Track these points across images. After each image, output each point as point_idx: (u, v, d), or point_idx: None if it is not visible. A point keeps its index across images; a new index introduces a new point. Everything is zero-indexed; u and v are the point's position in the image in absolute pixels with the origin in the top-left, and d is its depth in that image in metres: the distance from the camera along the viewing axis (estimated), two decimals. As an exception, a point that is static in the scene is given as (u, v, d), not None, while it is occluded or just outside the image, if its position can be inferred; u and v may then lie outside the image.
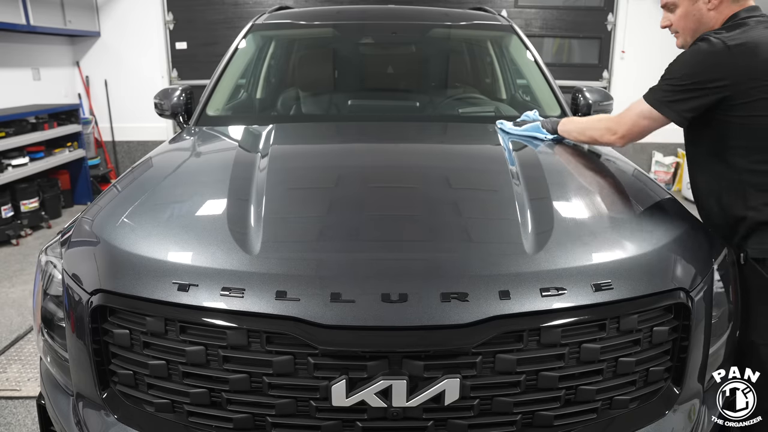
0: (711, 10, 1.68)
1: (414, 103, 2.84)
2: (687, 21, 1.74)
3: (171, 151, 2.19)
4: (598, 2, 6.84)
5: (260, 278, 1.25)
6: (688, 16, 1.73)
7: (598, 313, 1.26)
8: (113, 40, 6.74)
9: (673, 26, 1.79)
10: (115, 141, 6.97)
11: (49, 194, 5.39)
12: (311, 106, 2.89)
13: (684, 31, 1.76)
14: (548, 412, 1.27)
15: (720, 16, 1.68)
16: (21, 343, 3.18)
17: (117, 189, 1.78)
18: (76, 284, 1.37)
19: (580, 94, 2.65)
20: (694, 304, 1.34)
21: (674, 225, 1.54)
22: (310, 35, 3.25)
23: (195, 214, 1.58)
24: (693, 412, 1.42)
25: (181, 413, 1.29)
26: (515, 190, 1.62)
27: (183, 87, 2.78)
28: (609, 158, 2.07)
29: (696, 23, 1.72)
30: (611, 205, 1.66)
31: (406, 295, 1.20)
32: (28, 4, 5.36)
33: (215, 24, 6.75)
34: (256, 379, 1.22)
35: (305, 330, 1.18)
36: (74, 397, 1.44)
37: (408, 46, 3.32)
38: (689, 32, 1.75)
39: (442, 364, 1.19)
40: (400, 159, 2.05)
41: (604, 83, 6.85)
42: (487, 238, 1.47)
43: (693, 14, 1.72)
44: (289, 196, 1.68)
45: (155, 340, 1.27)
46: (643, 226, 1.50)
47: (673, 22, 1.78)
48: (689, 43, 1.73)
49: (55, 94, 6.36)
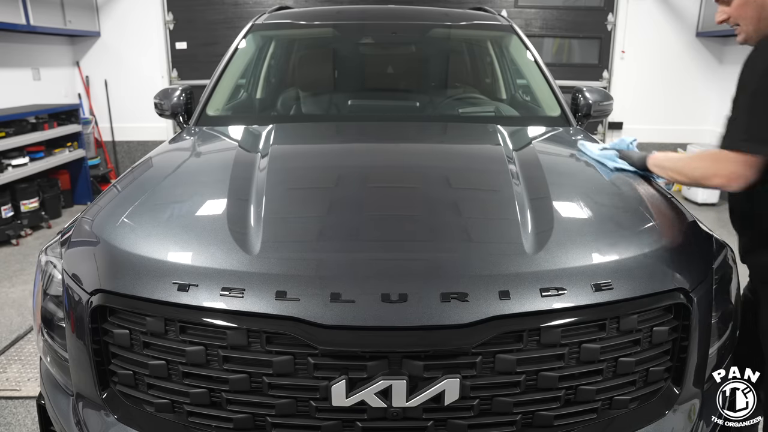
0: None
1: (414, 103, 2.84)
2: (747, 8, 1.54)
3: (171, 151, 2.19)
4: (598, 2, 6.84)
5: (260, 278, 1.25)
6: (747, 3, 1.53)
7: (598, 313, 1.26)
8: (113, 40, 6.75)
9: (731, 18, 1.59)
10: (115, 141, 6.97)
11: (49, 194, 5.40)
12: (311, 106, 2.89)
13: (745, 21, 1.55)
14: (548, 412, 1.27)
15: None
16: (21, 343, 3.18)
17: (117, 189, 1.78)
18: (76, 284, 1.37)
19: (580, 94, 2.65)
20: (693, 304, 1.34)
21: (674, 225, 1.54)
22: (310, 35, 3.25)
23: (195, 214, 1.58)
24: (693, 412, 1.42)
25: (181, 413, 1.29)
26: (515, 190, 1.62)
27: (183, 87, 2.78)
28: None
29: (758, 10, 1.52)
30: (611, 206, 1.66)
31: (406, 295, 1.20)
32: (28, 4, 5.36)
33: (215, 24, 6.75)
34: (256, 379, 1.22)
35: (305, 330, 1.18)
36: (74, 397, 1.44)
37: (408, 46, 3.32)
38: (752, 22, 1.54)
39: (442, 364, 1.19)
40: (400, 159, 2.05)
41: (604, 83, 6.85)
42: (487, 238, 1.47)
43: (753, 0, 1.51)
44: (289, 196, 1.68)
45: (155, 340, 1.27)
46: (643, 226, 1.50)
47: (730, 14, 1.58)
48: (754, 38, 1.54)
49: (55, 94, 6.36)
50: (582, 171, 1.94)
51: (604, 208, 1.64)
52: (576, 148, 2.08)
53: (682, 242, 1.47)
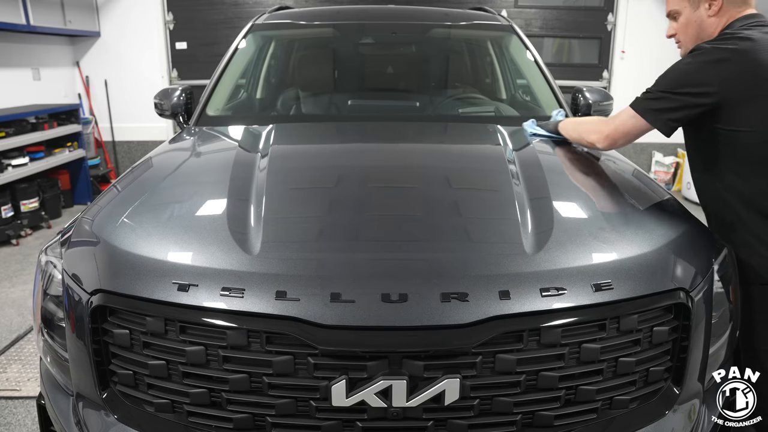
0: (711, 17, 1.67)
1: (414, 103, 2.84)
2: (688, 28, 1.73)
3: (171, 151, 2.19)
4: (598, 2, 6.84)
5: (260, 278, 1.25)
6: (689, 24, 1.72)
7: (598, 313, 1.25)
8: (113, 40, 6.74)
9: (676, 35, 1.78)
10: (115, 141, 6.97)
11: (49, 194, 5.39)
12: (311, 106, 2.89)
13: (686, 39, 1.75)
14: (548, 412, 1.27)
15: (720, 22, 1.67)
16: (21, 343, 3.18)
17: (117, 189, 1.78)
18: (76, 284, 1.37)
19: (580, 94, 2.65)
20: (694, 304, 1.34)
21: (674, 225, 1.53)
22: (310, 35, 3.25)
23: (195, 214, 1.58)
24: (693, 412, 1.42)
25: (181, 413, 1.29)
26: (515, 190, 1.62)
27: (183, 87, 2.78)
28: (609, 158, 2.07)
29: (697, 30, 1.71)
30: (611, 205, 1.66)
31: (406, 295, 1.20)
32: (28, 4, 5.36)
33: (215, 24, 6.75)
34: (256, 379, 1.22)
35: (305, 330, 1.18)
36: (74, 397, 1.44)
37: (408, 46, 3.32)
38: (691, 40, 1.73)
39: (442, 364, 1.19)
40: (400, 159, 2.05)
41: (604, 83, 6.85)
42: (487, 238, 1.47)
43: (694, 21, 1.70)
44: (289, 196, 1.68)
45: (155, 340, 1.27)
46: (643, 226, 1.50)
47: (677, 30, 1.77)
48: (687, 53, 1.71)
49: (55, 94, 6.36)
50: (582, 171, 1.95)
51: (604, 208, 1.64)
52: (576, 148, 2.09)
53: (682, 242, 1.47)
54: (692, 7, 1.70)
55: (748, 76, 1.53)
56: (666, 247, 1.42)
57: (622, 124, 1.74)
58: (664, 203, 1.69)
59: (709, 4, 1.66)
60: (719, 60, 1.55)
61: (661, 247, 1.41)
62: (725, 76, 1.54)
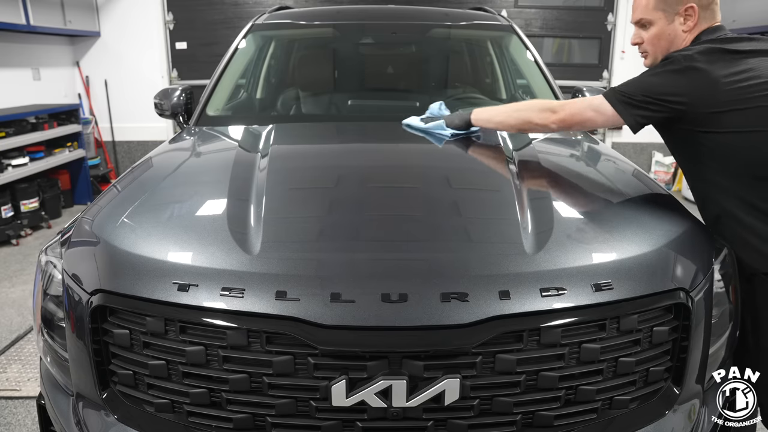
0: (686, 32, 1.66)
1: (414, 103, 2.84)
2: (660, 40, 1.70)
3: (171, 151, 2.19)
4: (598, 2, 6.85)
5: (260, 278, 1.25)
6: (662, 36, 1.69)
7: (598, 313, 1.25)
8: (113, 40, 6.75)
9: (643, 44, 1.74)
10: (115, 141, 6.97)
11: (49, 194, 5.40)
12: (311, 106, 2.89)
13: (655, 50, 1.72)
14: (548, 412, 1.27)
15: (691, 36, 1.67)
16: (21, 343, 3.18)
17: (117, 189, 1.78)
18: (76, 284, 1.37)
19: (580, 94, 2.65)
20: (694, 304, 1.34)
21: (674, 225, 1.53)
22: (310, 35, 3.25)
23: (195, 214, 1.58)
24: (693, 412, 1.42)
25: (181, 413, 1.29)
26: (515, 190, 1.62)
27: (183, 87, 2.78)
28: (609, 158, 2.07)
29: (669, 43, 1.69)
30: (611, 205, 1.66)
31: (406, 295, 1.20)
32: (28, 4, 5.36)
33: (215, 24, 6.75)
34: (256, 379, 1.22)
35: (305, 330, 1.18)
36: (74, 397, 1.44)
37: (408, 46, 3.32)
38: (661, 51, 1.71)
39: (442, 364, 1.19)
40: (400, 159, 2.05)
41: (604, 83, 6.86)
42: (487, 238, 1.47)
43: (668, 34, 1.68)
44: (289, 196, 1.68)
45: (155, 340, 1.27)
46: (643, 226, 1.50)
47: (645, 40, 1.73)
48: (659, 63, 1.69)
49: (55, 94, 6.36)
50: (582, 171, 1.95)
51: (604, 208, 1.64)
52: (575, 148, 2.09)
53: (682, 242, 1.47)
54: (667, 19, 1.67)
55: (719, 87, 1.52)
56: (666, 246, 1.42)
57: (581, 112, 1.73)
58: (664, 203, 1.69)
59: (684, 19, 1.65)
60: (687, 69, 1.54)
61: (661, 247, 1.41)
62: (696, 85, 1.53)
